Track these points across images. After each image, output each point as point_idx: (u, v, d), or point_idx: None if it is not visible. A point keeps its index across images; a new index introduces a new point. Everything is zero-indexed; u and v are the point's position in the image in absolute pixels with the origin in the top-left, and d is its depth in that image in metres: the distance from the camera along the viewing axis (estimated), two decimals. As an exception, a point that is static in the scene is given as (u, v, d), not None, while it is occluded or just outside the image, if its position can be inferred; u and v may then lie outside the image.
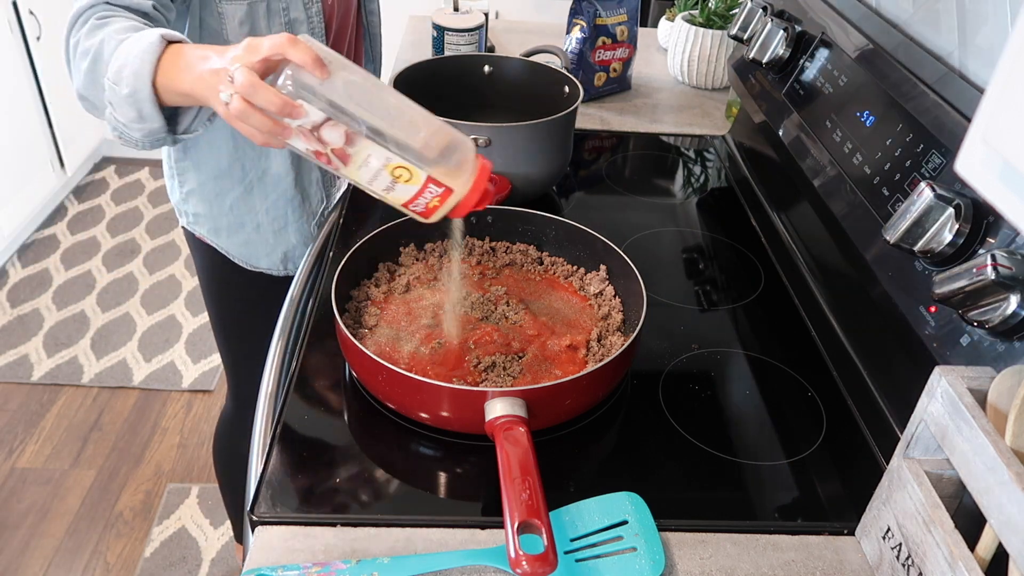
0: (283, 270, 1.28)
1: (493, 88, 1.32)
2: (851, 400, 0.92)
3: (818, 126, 1.03)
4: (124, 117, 0.82)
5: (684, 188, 1.37)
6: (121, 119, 0.82)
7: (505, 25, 1.95)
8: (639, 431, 0.87)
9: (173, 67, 0.78)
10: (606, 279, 0.99)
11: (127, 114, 0.81)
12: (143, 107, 0.80)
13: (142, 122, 0.82)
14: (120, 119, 0.82)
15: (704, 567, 0.72)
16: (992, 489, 0.57)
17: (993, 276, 0.64)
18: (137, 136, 0.84)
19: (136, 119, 0.82)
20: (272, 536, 0.72)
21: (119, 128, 0.84)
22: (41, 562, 1.83)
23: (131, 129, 0.83)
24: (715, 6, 1.67)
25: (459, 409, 0.80)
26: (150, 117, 0.81)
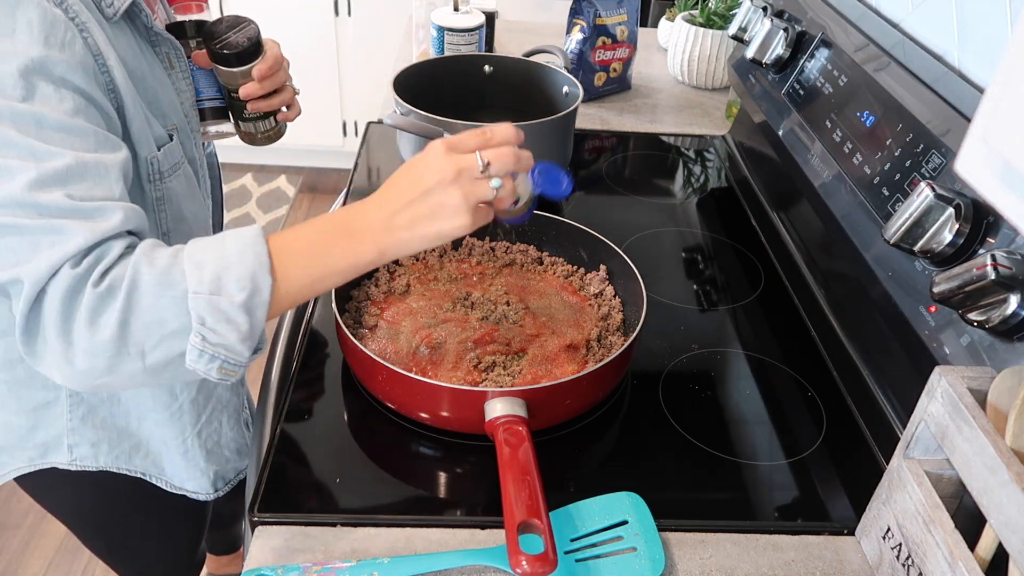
0: (213, 492, 1.04)
1: (493, 88, 1.32)
2: (851, 400, 0.92)
3: (818, 126, 1.03)
4: (231, 336, 0.64)
5: (684, 188, 1.37)
6: (225, 339, 0.64)
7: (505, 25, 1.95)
8: (639, 431, 0.87)
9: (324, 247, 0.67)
10: (606, 279, 0.99)
11: (237, 329, 0.64)
12: (258, 312, 0.65)
13: (251, 336, 0.66)
14: (223, 340, 0.64)
15: (704, 567, 0.72)
16: (992, 489, 0.57)
17: (993, 276, 0.64)
18: (245, 356, 0.67)
19: (247, 333, 0.65)
20: (272, 536, 0.72)
21: (219, 355, 0.65)
22: (41, 562, 1.83)
23: (236, 350, 0.65)
24: (715, 6, 1.67)
25: (459, 409, 0.80)
26: (259, 327, 0.66)
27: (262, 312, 0.65)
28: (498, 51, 1.79)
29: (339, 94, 3.10)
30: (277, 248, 0.66)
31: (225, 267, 0.64)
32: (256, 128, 0.98)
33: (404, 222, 0.68)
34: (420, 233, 0.68)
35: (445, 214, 0.67)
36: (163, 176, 0.81)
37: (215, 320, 0.64)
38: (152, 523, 1.08)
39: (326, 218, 0.70)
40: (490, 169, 0.68)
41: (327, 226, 0.69)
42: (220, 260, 0.64)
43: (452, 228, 0.68)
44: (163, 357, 0.64)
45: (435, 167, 0.68)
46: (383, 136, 1.42)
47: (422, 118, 1.11)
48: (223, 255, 0.65)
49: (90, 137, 0.67)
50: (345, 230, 0.68)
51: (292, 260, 0.67)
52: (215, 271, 0.64)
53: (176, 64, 0.86)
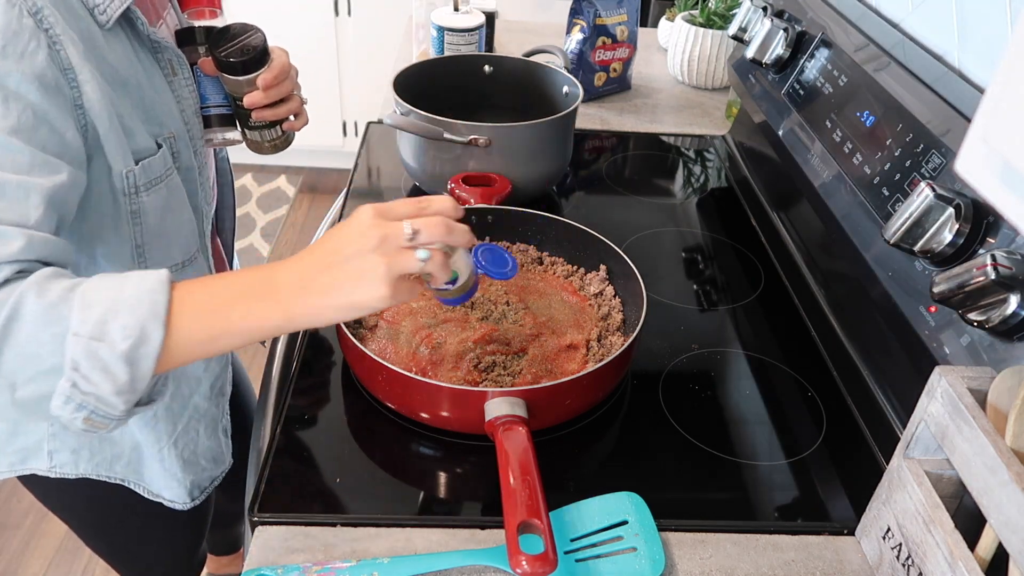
0: (189, 502, 1.01)
1: (493, 88, 1.32)
2: (851, 400, 0.92)
3: (818, 126, 1.03)
4: (104, 386, 0.60)
5: (684, 188, 1.37)
6: (98, 389, 0.60)
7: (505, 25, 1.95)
8: (639, 431, 0.87)
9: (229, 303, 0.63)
10: (606, 279, 0.99)
11: (113, 380, 0.60)
12: (142, 366, 0.60)
13: (130, 390, 0.61)
14: (96, 389, 0.60)
15: (704, 567, 0.72)
16: (992, 489, 0.57)
17: (993, 276, 0.64)
18: (119, 410, 0.62)
19: (125, 385, 0.60)
20: (272, 536, 0.72)
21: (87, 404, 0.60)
22: (41, 562, 1.83)
23: (109, 402, 0.61)
24: (715, 6, 1.67)
25: (459, 409, 0.80)
26: (142, 381, 0.61)
27: (147, 364, 0.60)
28: (498, 51, 1.79)
29: (339, 94, 3.11)
30: (180, 298, 0.62)
31: (114, 311, 0.59)
32: (262, 137, 0.98)
33: (318, 288, 0.63)
34: (333, 301, 0.63)
35: (363, 283, 0.62)
36: (139, 190, 0.78)
37: (90, 367, 0.59)
38: (149, 527, 1.07)
39: (237, 274, 0.66)
40: (418, 238, 0.63)
41: (236, 283, 0.65)
42: (111, 303, 0.60)
43: (368, 299, 0.63)
44: (35, 394, 0.60)
45: (358, 232, 0.63)
46: (383, 136, 1.42)
47: (422, 118, 1.11)
48: (117, 298, 0.60)
49: (24, 156, 0.64)
50: (253, 290, 0.64)
51: (192, 314, 0.62)
52: (102, 314, 0.59)
53: (179, 71, 0.85)
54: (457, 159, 1.12)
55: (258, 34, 0.90)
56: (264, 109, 0.94)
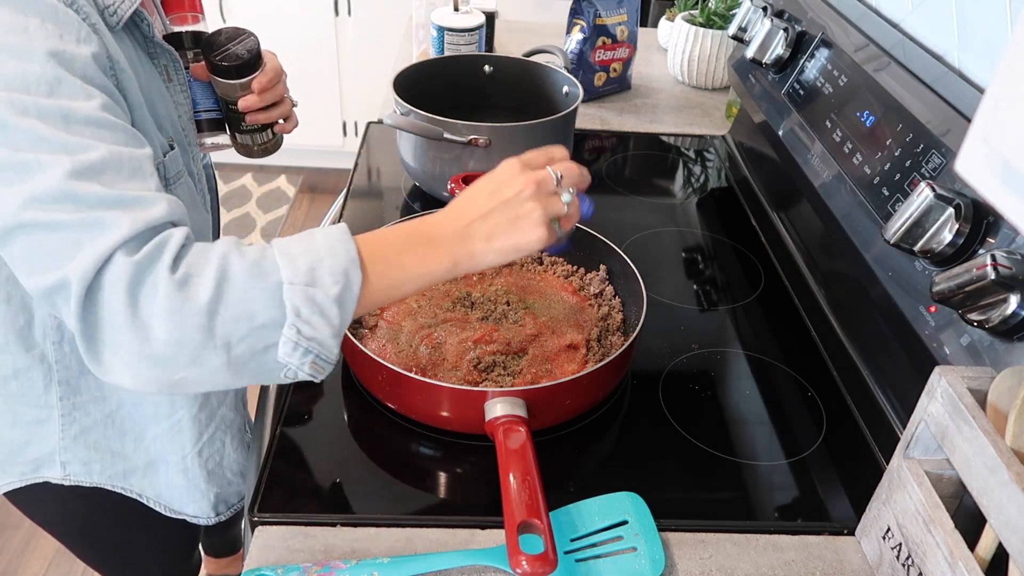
0: (214, 516, 1.00)
1: (493, 88, 1.32)
2: (851, 400, 0.92)
3: (818, 126, 1.03)
4: (324, 330, 0.62)
5: (684, 188, 1.37)
6: (319, 333, 0.62)
7: (505, 25, 1.95)
8: (639, 431, 0.87)
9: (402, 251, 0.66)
10: (606, 279, 0.99)
11: (330, 323, 0.62)
12: (348, 307, 0.63)
13: (340, 333, 0.64)
14: (317, 333, 0.62)
15: (704, 567, 0.72)
16: (992, 489, 0.57)
17: (993, 276, 0.64)
18: (335, 353, 0.65)
19: (338, 328, 0.63)
20: (272, 536, 0.72)
21: (313, 349, 0.63)
22: (41, 562, 1.83)
23: (328, 346, 0.63)
24: (715, 6, 1.67)
25: (459, 409, 0.80)
26: (347, 321, 0.64)
27: (351, 308, 0.63)
28: (498, 51, 1.79)
29: (339, 94, 3.10)
30: (364, 247, 0.65)
31: (319, 259, 0.62)
32: (253, 140, 0.98)
33: (482, 233, 0.67)
34: (497, 245, 0.68)
35: (524, 227, 0.68)
36: (169, 183, 0.80)
37: (310, 312, 0.61)
38: (144, 538, 1.05)
39: (405, 224, 0.70)
40: (562, 183, 0.70)
41: (406, 231, 0.69)
42: (312, 253, 0.63)
43: (529, 241, 0.68)
44: (249, 350, 0.61)
45: (513, 181, 0.69)
46: (383, 136, 1.42)
47: (422, 118, 1.11)
48: (314, 248, 0.63)
49: (120, 132, 0.65)
50: (422, 237, 0.68)
51: (375, 260, 0.65)
52: (309, 263, 0.62)
53: (174, 76, 0.84)
54: (457, 159, 1.12)
55: (251, 38, 0.90)
56: (258, 112, 0.94)
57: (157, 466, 0.94)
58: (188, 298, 0.59)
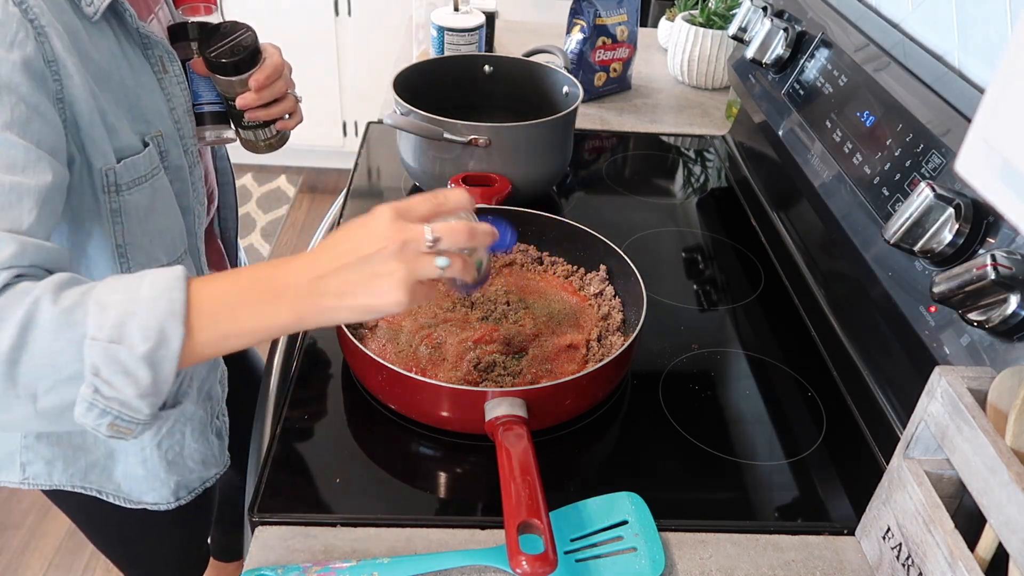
0: (174, 501, 0.98)
1: (493, 88, 1.32)
2: (851, 400, 0.92)
3: (818, 126, 1.03)
4: (127, 390, 0.58)
5: (684, 188, 1.37)
6: (120, 393, 0.58)
7: (505, 25, 1.95)
8: (639, 431, 0.87)
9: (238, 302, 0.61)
10: (606, 279, 0.99)
11: (135, 383, 0.58)
12: (164, 368, 0.58)
13: (153, 392, 0.59)
14: (118, 394, 0.58)
15: (704, 567, 0.72)
16: (992, 489, 0.57)
17: (993, 276, 0.64)
18: (143, 414, 0.60)
19: (148, 388, 0.58)
20: (272, 536, 0.72)
21: (111, 410, 0.58)
22: (41, 562, 1.83)
23: (133, 406, 0.59)
24: (715, 6, 1.67)
25: (459, 409, 0.80)
26: (165, 382, 0.60)
27: (169, 366, 0.59)
28: (498, 51, 1.79)
29: (339, 94, 3.11)
30: (196, 296, 0.60)
31: (131, 312, 0.57)
32: (256, 136, 0.96)
33: (332, 289, 0.61)
34: (348, 303, 0.61)
35: (380, 287, 0.60)
36: (120, 188, 0.76)
37: (111, 371, 0.57)
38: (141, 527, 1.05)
39: (247, 271, 0.64)
40: (439, 245, 0.61)
41: (248, 280, 0.62)
42: (128, 304, 0.58)
43: (384, 304, 0.61)
44: (58, 403, 0.58)
45: (378, 233, 0.61)
46: (383, 136, 1.42)
47: (422, 118, 1.11)
48: (132, 299, 0.58)
49: (19, 153, 0.62)
50: (266, 289, 0.62)
51: (205, 313, 0.60)
52: (119, 316, 0.57)
53: (170, 68, 0.82)
54: (457, 159, 1.12)
55: (249, 33, 0.88)
56: (257, 109, 0.92)
57: (116, 457, 0.93)
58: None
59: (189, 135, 0.87)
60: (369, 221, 0.62)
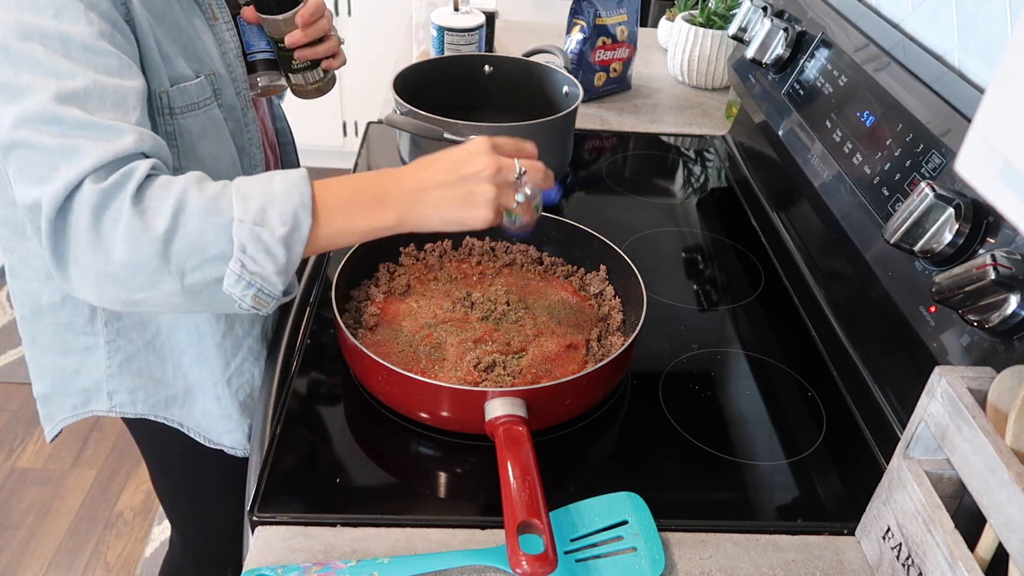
0: (248, 449, 1.03)
1: (493, 88, 1.32)
2: (851, 400, 0.92)
3: (818, 126, 1.03)
4: (268, 266, 0.67)
5: (684, 188, 1.37)
6: (263, 269, 0.67)
7: (505, 25, 1.95)
8: (639, 431, 0.87)
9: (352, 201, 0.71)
10: (606, 279, 0.99)
11: (275, 261, 0.67)
12: (296, 248, 0.68)
13: (286, 271, 0.69)
14: (261, 269, 0.67)
15: (704, 567, 0.72)
16: (992, 489, 0.57)
17: (993, 276, 0.64)
18: (279, 289, 0.70)
19: (283, 267, 0.68)
20: (272, 536, 0.72)
21: (255, 283, 0.68)
22: (41, 562, 1.83)
23: (271, 282, 0.68)
24: (715, 6, 1.67)
25: (459, 409, 0.80)
26: (294, 264, 0.69)
27: (299, 249, 0.68)
28: (498, 51, 1.79)
29: (339, 94, 3.10)
30: (319, 192, 0.69)
31: (270, 202, 0.67)
32: (305, 79, 1.00)
33: (432, 199, 0.70)
34: (443, 215, 0.71)
35: (473, 204, 0.70)
36: (174, 112, 0.82)
37: (255, 249, 0.66)
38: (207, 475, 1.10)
39: (362, 177, 0.73)
40: (523, 178, 0.72)
41: (362, 184, 0.72)
42: (266, 195, 0.67)
43: (475, 219, 0.71)
44: (201, 279, 0.67)
45: (477, 159, 0.70)
46: (383, 136, 1.42)
47: (422, 118, 1.11)
48: (269, 191, 0.68)
49: (113, 60, 0.70)
50: (376, 192, 0.71)
51: (327, 207, 0.69)
52: (261, 204, 0.67)
53: (219, 15, 0.88)
54: (457, 159, 1.12)
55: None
56: (305, 48, 0.97)
57: (194, 393, 0.99)
58: (146, 226, 0.65)
59: (241, 79, 0.92)
60: (468, 147, 0.72)
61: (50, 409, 0.99)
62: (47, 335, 0.94)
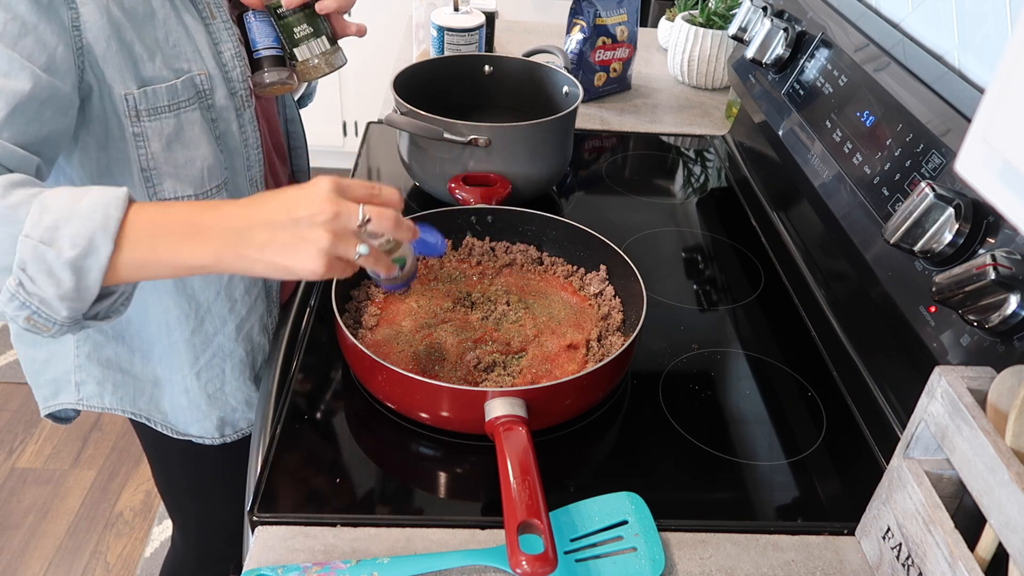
0: (219, 437, 1.03)
1: (493, 88, 1.32)
2: (851, 400, 0.92)
3: (818, 126, 1.03)
4: (48, 290, 0.62)
5: (684, 188, 1.37)
6: (42, 292, 0.62)
7: (505, 25, 1.95)
8: (639, 431, 0.87)
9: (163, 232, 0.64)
10: (606, 279, 0.99)
11: (58, 285, 0.62)
12: (89, 277, 0.62)
13: (75, 297, 0.63)
14: (40, 292, 0.62)
15: (704, 567, 0.72)
16: (992, 489, 0.57)
17: (993, 276, 0.64)
18: (61, 315, 0.64)
19: (69, 292, 0.63)
20: (272, 536, 0.72)
21: (31, 305, 0.63)
22: (41, 562, 1.83)
23: (52, 306, 0.63)
24: (715, 6, 1.67)
25: (459, 409, 0.80)
26: (89, 291, 0.63)
27: (95, 275, 0.62)
28: (498, 51, 1.79)
29: (339, 94, 3.10)
30: (133, 217, 0.64)
31: (67, 219, 0.62)
32: (311, 51, 0.94)
33: (257, 241, 0.63)
34: (267, 258, 0.63)
35: (302, 252, 0.63)
36: (140, 114, 0.80)
37: (36, 269, 0.62)
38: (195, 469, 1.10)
39: (185, 206, 0.67)
40: (368, 226, 0.64)
41: (179, 214, 0.66)
42: (66, 211, 0.62)
43: (302, 269, 0.63)
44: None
45: (314, 200, 0.63)
46: (383, 136, 1.42)
47: (422, 118, 1.11)
48: (73, 207, 0.62)
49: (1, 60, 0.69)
50: (192, 223, 0.64)
51: (136, 233, 0.64)
52: (55, 220, 0.62)
53: (217, 14, 0.87)
54: (457, 159, 1.12)
55: None
56: None
57: (162, 385, 0.98)
58: None
59: (238, 79, 0.90)
60: (308, 187, 0.64)
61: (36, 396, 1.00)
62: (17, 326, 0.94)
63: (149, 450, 1.13)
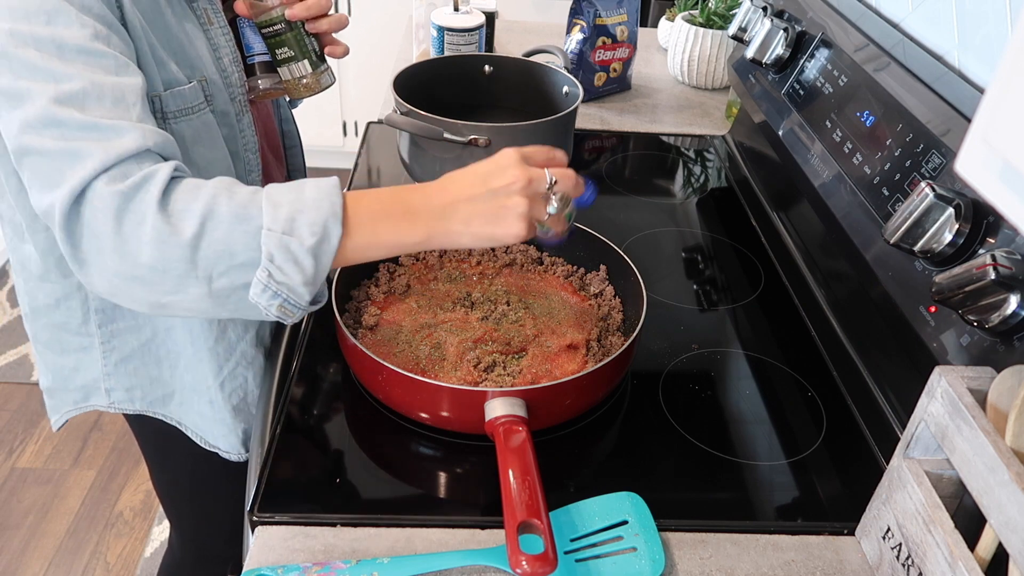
0: (245, 453, 1.02)
1: (493, 88, 1.32)
2: (851, 400, 0.92)
3: (818, 126, 1.03)
4: (295, 277, 0.67)
5: (684, 188, 1.37)
6: (290, 279, 0.67)
7: (505, 25, 1.95)
8: (639, 431, 0.87)
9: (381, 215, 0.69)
10: (606, 279, 0.99)
11: (302, 271, 0.67)
12: (323, 261, 0.67)
13: (313, 281, 0.68)
14: (288, 279, 0.67)
15: (704, 567, 0.72)
16: (992, 489, 0.57)
17: (993, 276, 0.64)
18: (304, 300, 0.69)
19: (311, 277, 0.67)
20: (272, 536, 0.72)
21: (282, 293, 0.67)
22: (41, 562, 1.83)
23: (298, 292, 0.68)
24: (715, 6, 1.67)
25: (459, 409, 0.80)
26: (322, 275, 0.69)
27: (327, 259, 0.67)
28: (498, 51, 1.79)
29: (339, 94, 3.10)
30: (350, 204, 0.69)
31: (300, 210, 0.66)
32: (291, 74, 0.94)
33: (461, 214, 0.69)
34: (473, 231, 0.70)
35: (505, 219, 0.69)
36: (167, 116, 0.81)
37: (283, 259, 0.66)
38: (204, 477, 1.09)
39: (391, 191, 0.72)
40: (554, 187, 0.71)
41: (390, 198, 0.71)
42: (296, 203, 0.67)
43: (506, 234, 0.70)
44: (228, 285, 0.67)
45: (507, 171, 0.69)
46: (383, 136, 1.42)
47: (422, 118, 1.11)
48: (300, 199, 0.67)
49: (109, 60, 0.69)
50: (404, 207, 0.70)
51: (357, 218, 0.69)
52: (290, 212, 0.66)
53: (214, 20, 0.87)
54: (457, 159, 1.12)
55: None
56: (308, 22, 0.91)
57: (190, 395, 0.98)
58: (174, 230, 0.65)
59: (236, 84, 0.90)
60: (496, 159, 0.71)
61: (54, 402, 1.00)
62: (45, 334, 0.94)
63: (149, 451, 1.13)
